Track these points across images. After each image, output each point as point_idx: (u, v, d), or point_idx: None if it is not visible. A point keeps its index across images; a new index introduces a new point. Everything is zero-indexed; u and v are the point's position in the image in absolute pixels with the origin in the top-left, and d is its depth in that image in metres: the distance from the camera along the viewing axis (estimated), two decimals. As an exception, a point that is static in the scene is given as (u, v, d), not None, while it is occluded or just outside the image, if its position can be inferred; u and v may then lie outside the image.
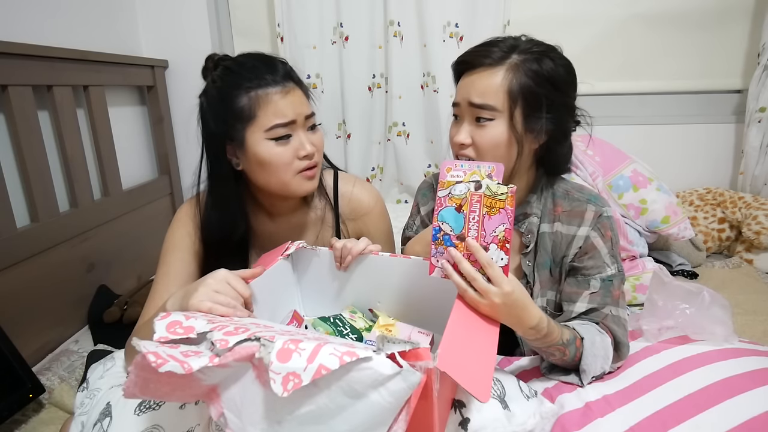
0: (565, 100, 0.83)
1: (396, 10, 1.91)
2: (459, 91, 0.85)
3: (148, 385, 0.50)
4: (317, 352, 0.48)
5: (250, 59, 0.88)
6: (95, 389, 0.77)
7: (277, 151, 0.85)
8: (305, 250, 0.91)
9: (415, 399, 0.50)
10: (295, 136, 0.87)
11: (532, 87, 0.79)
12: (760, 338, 1.22)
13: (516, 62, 0.79)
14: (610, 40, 1.98)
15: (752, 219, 1.72)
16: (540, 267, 0.88)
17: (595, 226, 0.84)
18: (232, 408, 0.55)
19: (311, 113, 0.89)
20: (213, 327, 0.55)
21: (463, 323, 0.65)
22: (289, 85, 0.86)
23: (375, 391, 0.48)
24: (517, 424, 0.67)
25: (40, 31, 1.40)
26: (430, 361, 0.49)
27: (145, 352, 0.47)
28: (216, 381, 0.55)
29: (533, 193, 0.90)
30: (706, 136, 2.03)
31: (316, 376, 0.46)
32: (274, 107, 0.83)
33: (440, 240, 0.71)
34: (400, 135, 2.08)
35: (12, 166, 1.26)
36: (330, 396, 0.49)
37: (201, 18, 1.92)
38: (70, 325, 1.39)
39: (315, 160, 0.89)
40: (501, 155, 0.82)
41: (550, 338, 0.74)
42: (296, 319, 0.85)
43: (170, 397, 0.55)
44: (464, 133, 0.83)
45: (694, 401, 0.72)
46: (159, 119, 1.91)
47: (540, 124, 0.81)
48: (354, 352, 0.48)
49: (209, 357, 0.50)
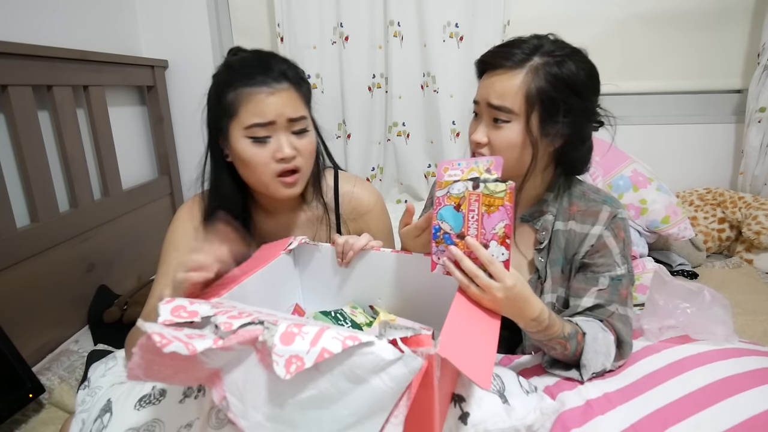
0: (585, 104, 0.83)
1: (396, 10, 1.91)
2: (479, 90, 0.86)
3: (152, 366, 0.50)
4: (320, 336, 0.48)
5: (251, 57, 0.89)
6: (96, 387, 0.77)
7: (253, 151, 0.85)
8: (307, 246, 0.92)
9: (416, 385, 0.50)
10: (275, 138, 0.85)
11: (551, 92, 0.79)
12: (760, 338, 1.22)
13: (537, 65, 0.79)
14: (610, 40, 1.98)
15: (752, 219, 1.72)
16: (552, 263, 0.89)
17: (608, 226, 0.85)
18: (235, 392, 0.55)
19: (299, 117, 0.87)
20: (217, 311, 0.55)
21: (464, 313, 0.66)
22: (279, 86, 0.84)
23: (376, 376, 0.49)
24: (516, 419, 0.67)
25: (40, 31, 1.40)
26: (432, 347, 0.50)
27: (150, 333, 0.47)
28: (219, 365, 0.56)
29: (550, 191, 0.90)
30: (706, 136, 2.04)
31: (318, 360, 0.47)
32: (255, 106, 0.83)
33: (440, 239, 0.72)
34: (400, 135, 2.08)
35: (12, 166, 1.26)
36: (332, 380, 0.49)
37: (201, 18, 1.93)
38: (70, 325, 1.39)
39: (295, 165, 0.87)
40: (515, 157, 0.83)
41: (552, 330, 0.74)
42: (298, 313, 0.86)
43: (173, 379, 0.55)
44: (481, 133, 0.85)
45: (695, 399, 0.72)
46: (159, 119, 1.91)
47: (556, 128, 0.81)
48: (356, 336, 0.49)
49: (213, 339, 0.51)
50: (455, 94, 1.98)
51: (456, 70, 1.95)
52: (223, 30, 2.04)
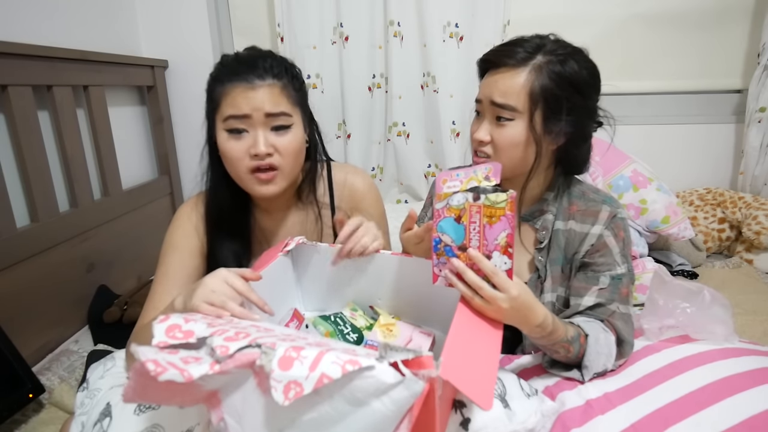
0: (587, 103, 0.83)
1: (396, 10, 1.91)
2: (482, 89, 0.86)
3: (147, 391, 0.49)
4: (319, 360, 0.47)
5: (245, 55, 0.91)
6: (95, 389, 0.77)
7: (229, 144, 0.86)
8: (305, 246, 0.91)
9: (418, 407, 0.49)
10: (252, 132, 0.86)
11: (554, 90, 0.79)
12: (760, 338, 1.22)
13: (540, 63, 0.80)
14: (610, 40, 1.98)
15: (752, 219, 1.72)
16: (552, 263, 0.89)
17: (608, 226, 0.85)
18: (233, 414, 0.54)
19: (279, 112, 0.86)
20: (213, 332, 0.54)
21: (466, 328, 0.65)
22: (261, 82, 0.85)
23: (377, 400, 0.48)
24: (518, 423, 0.67)
25: (40, 31, 1.40)
26: (433, 370, 0.49)
27: (144, 360, 0.46)
28: (216, 386, 0.55)
29: (550, 191, 0.90)
30: (706, 136, 2.03)
31: (318, 385, 0.46)
32: (233, 99, 0.84)
33: (441, 251, 0.71)
34: (400, 135, 2.08)
35: (12, 166, 1.26)
36: (332, 404, 0.49)
37: (201, 18, 1.92)
38: (70, 325, 1.39)
39: (270, 163, 0.86)
40: (518, 155, 0.83)
41: (555, 336, 0.74)
42: (296, 318, 0.85)
43: (170, 401, 0.54)
44: (484, 131, 0.85)
45: (695, 399, 0.72)
46: (159, 119, 1.91)
47: (559, 126, 0.81)
48: (356, 360, 0.47)
49: (209, 364, 0.50)
50: (455, 94, 1.98)
51: (456, 70, 1.95)
52: (223, 30, 2.04)
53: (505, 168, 0.83)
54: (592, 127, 0.87)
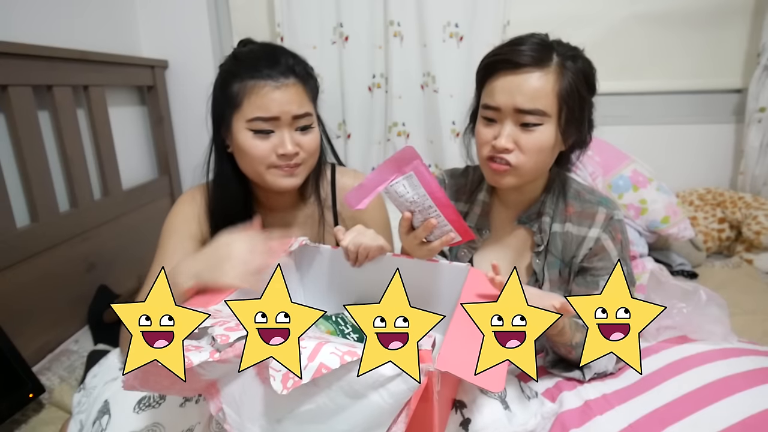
0: (592, 100, 0.83)
1: (396, 10, 1.90)
2: (498, 95, 0.79)
3: (148, 378, 0.50)
4: (318, 351, 0.48)
5: (259, 49, 0.89)
6: (91, 387, 0.77)
7: (254, 143, 0.85)
8: (308, 248, 0.91)
9: (415, 401, 0.50)
10: (278, 132, 0.85)
11: (579, 89, 0.77)
12: (760, 338, 1.21)
13: (560, 63, 0.77)
14: (610, 40, 1.98)
15: (752, 219, 1.72)
16: (550, 266, 0.89)
17: (606, 229, 0.84)
18: (232, 404, 0.55)
19: (304, 113, 0.87)
20: (214, 322, 0.55)
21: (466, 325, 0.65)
22: (286, 81, 0.84)
23: (375, 392, 0.48)
24: (518, 425, 0.67)
25: (40, 31, 1.40)
26: (431, 364, 0.49)
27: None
28: (216, 376, 0.55)
29: (547, 192, 0.89)
30: (706, 136, 2.03)
31: (316, 375, 0.46)
32: (260, 100, 0.83)
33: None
34: (400, 135, 2.08)
35: (12, 166, 1.26)
36: (330, 395, 0.49)
37: (201, 18, 1.92)
38: (70, 325, 1.39)
39: (296, 162, 0.88)
40: (545, 159, 0.81)
41: (563, 338, 0.76)
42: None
43: (170, 390, 0.55)
44: (506, 138, 0.78)
45: (693, 399, 0.72)
46: (159, 119, 1.91)
47: (575, 125, 0.80)
48: (355, 351, 0.48)
49: (210, 352, 0.51)
50: (455, 94, 1.97)
51: (456, 70, 1.95)
52: (223, 30, 2.04)
53: (528, 174, 0.81)
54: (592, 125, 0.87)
